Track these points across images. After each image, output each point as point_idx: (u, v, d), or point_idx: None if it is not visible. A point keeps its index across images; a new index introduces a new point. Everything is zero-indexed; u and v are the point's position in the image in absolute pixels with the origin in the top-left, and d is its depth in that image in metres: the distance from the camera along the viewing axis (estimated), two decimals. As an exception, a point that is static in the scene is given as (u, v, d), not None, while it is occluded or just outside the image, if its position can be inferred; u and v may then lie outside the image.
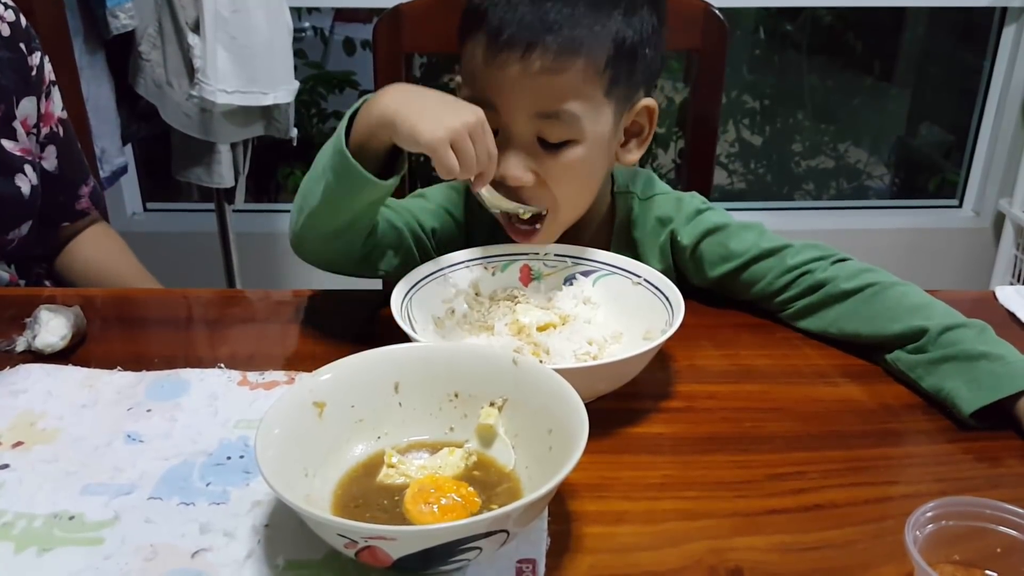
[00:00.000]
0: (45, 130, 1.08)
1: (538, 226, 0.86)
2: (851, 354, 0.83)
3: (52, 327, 0.79)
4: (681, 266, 0.93)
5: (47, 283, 1.14)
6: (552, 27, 0.78)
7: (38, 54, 1.06)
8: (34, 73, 1.05)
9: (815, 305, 0.84)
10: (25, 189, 1.02)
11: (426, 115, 0.72)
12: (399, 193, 0.89)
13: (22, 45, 1.03)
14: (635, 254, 0.93)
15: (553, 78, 0.79)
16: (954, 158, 2.70)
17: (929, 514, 0.53)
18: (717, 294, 0.93)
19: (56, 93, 1.10)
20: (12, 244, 1.03)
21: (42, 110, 1.07)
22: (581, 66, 0.79)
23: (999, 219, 2.53)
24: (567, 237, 0.90)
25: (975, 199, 2.60)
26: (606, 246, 0.93)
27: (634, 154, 0.89)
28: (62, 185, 1.11)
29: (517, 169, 0.82)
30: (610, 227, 0.96)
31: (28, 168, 1.03)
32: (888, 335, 0.79)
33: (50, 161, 1.09)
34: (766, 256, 0.87)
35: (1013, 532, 0.54)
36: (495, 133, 0.81)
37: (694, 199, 0.94)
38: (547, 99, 0.80)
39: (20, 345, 0.80)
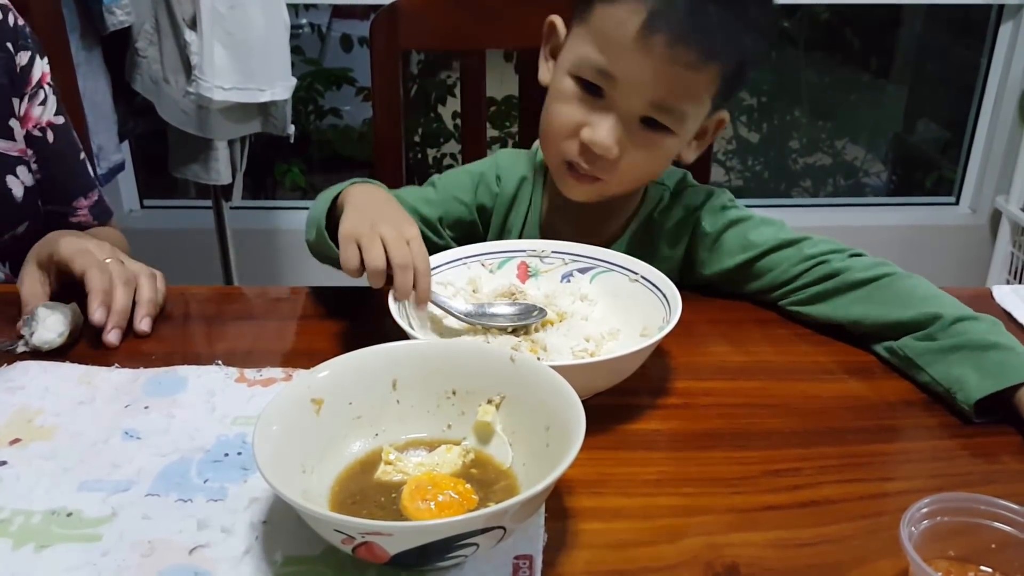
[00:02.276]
0: (23, 132, 1.03)
1: (600, 180, 0.88)
2: (849, 347, 0.83)
3: (49, 324, 0.79)
4: (698, 255, 0.94)
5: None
6: (707, 28, 0.78)
7: (24, 53, 1.02)
8: (19, 72, 1.01)
9: (828, 292, 0.86)
10: (17, 191, 0.99)
11: (354, 216, 0.77)
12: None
13: (9, 44, 1.00)
14: (651, 237, 0.96)
15: (688, 75, 0.80)
16: (951, 155, 2.70)
17: (924, 510, 0.54)
18: (715, 288, 0.93)
19: (51, 96, 1.05)
20: (5, 244, 1.02)
21: (22, 112, 1.02)
22: (713, 72, 0.81)
23: (995, 216, 2.53)
24: (590, 218, 0.93)
25: (972, 196, 2.60)
26: (624, 228, 0.97)
27: (692, 153, 0.92)
28: (50, 193, 1.05)
29: (609, 139, 0.83)
30: (635, 213, 0.98)
31: (22, 169, 1.00)
32: (900, 320, 0.80)
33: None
34: (785, 246, 0.89)
35: (1008, 528, 0.54)
36: (599, 92, 0.83)
37: (724, 194, 0.96)
38: (672, 92, 0.82)
39: (19, 347, 0.80)
